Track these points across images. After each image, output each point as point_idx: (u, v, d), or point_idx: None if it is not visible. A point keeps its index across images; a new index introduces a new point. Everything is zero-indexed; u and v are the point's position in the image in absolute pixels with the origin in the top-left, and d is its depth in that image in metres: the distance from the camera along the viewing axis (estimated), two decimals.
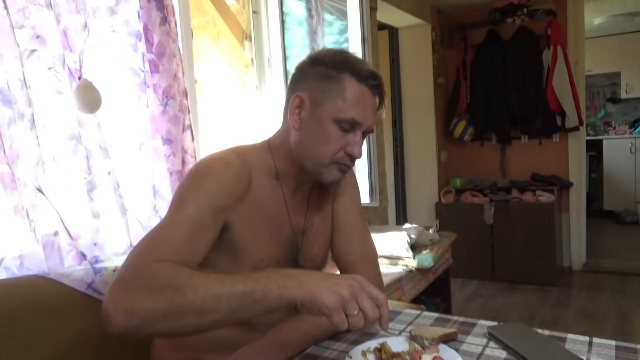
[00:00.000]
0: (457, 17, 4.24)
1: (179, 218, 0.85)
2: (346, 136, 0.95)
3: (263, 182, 0.98)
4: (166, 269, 0.74)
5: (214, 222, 0.88)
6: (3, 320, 0.96)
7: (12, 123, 1.09)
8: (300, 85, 0.98)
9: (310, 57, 0.99)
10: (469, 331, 1.01)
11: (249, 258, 0.95)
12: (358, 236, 1.13)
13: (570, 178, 4.01)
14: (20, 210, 1.09)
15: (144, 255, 0.78)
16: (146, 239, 0.83)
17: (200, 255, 0.86)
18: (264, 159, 1.00)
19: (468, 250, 3.90)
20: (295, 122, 0.97)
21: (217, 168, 0.91)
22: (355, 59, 0.96)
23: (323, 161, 0.95)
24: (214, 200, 0.88)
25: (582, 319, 3.15)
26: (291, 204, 1.03)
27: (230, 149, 0.99)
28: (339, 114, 0.93)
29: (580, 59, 3.90)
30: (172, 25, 1.45)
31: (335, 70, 0.94)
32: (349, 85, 0.93)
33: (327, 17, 2.66)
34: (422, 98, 4.15)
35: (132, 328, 0.70)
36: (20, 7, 1.14)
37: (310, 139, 0.96)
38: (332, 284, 0.71)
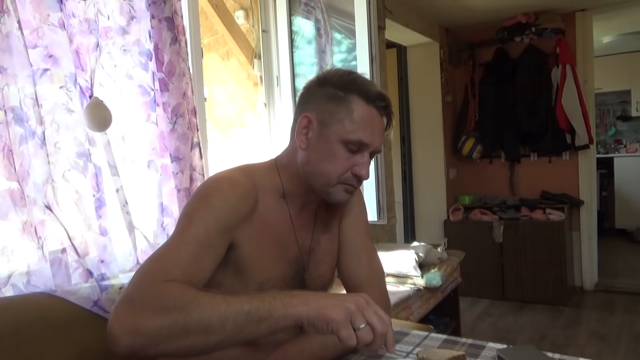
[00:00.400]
0: (465, 36, 4.26)
1: (185, 237, 0.85)
2: (353, 157, 0.95)
3: (270, 202, 0.98)
4: (172, 289, 0.74)
5: (220, 241, 0.88)
6: (9, 338, 0.96)
7: (23, 141, 1.11)
8: (308, 105, 0.98)
9: (319, 77, 1.00)
10: (478, 354, 0.99)
11: (254, 277, 0.95)
12: (365, 255, 1.12)
13: (580, 196, 3.98)
14: (29, 227, 1.10)
15: (150, 275, 0.78)
16: (153, 258, 0.83)
17: (206, 274, 0.86)
18: (271, 178, 1.01)
19: (477, 269, 3.85)
20: (303, 142, 0.97)
21: (224, 187, 0.91)
22: (364, 80, 0.96)
23: (330, 181, 0.95)
24: (221, 220, 0.88)
25: (595, 340, 3.08)
26: (298, 223, 1.03)
27: (238, 168, 1.00)
28: (346, 136, 0.93)
29: (589, 77, 3.89)
30: (182, 44, 1.47)
31: (343, 92, 0.94)
32: (356, 107, 0.93)
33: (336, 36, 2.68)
34: (431, 116, 4.16)
35: (137, 348, 0.70)
36: (34, 27, 1.16)
37: (317, 159, 0.96)
38: (338, 299, 0.72)
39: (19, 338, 0.97)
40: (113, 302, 1.15)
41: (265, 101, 2.43)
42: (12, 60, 1.09)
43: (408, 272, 2.42)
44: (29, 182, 1.11)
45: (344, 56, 2.74)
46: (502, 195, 4.22)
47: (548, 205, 3.87)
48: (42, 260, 1.12)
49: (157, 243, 1.40)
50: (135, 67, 1.38)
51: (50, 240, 1.14)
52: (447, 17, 3.96)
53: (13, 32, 1.09)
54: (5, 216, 1.07)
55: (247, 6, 2.48)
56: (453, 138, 4.30)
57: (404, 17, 3.48)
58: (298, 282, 1.02)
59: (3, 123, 1.08)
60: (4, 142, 1.08)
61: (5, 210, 1.07)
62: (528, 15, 3.89)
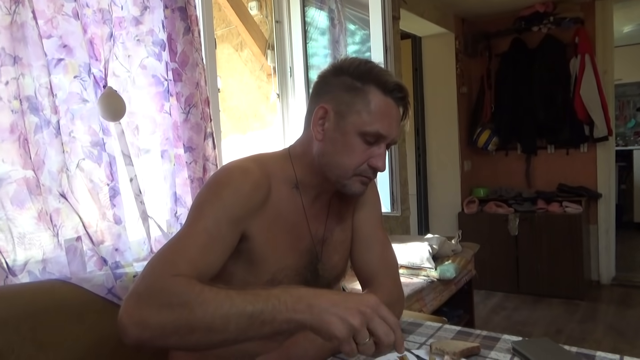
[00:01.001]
0: (482, 26, 4.20)
1: (195, 230, 0.85)
2: (370, 149, 0.94)
3: (282, 191, 0.97)
4: (177, 285, 0.74)
5: (231, 233, 0.88)
6: (25, 323, 0.97)
7: (38, 130, 1.12)
8: (324, 95, 0.96)
9: (334, 67, 0.98)
10: (492, 346, 0.98)
11: (267, 268, 0.95)
12: (378, 246, 1.11)
13: (598, 189, 3.91)
14: (45, 215, 1.11)
15: (158, 269, 0.78)
16: (162, 251, 0.83)
17: (216, 266, 0.86)
18: (284, 167, 1.00)
19: (492, 262, 3.82)
20: (319, 133, 0.96)
21: (235, 178, 0.91)
22: (380, 70, 0.95)
23: (346, 173, 0.95)
24: (232, 212, 0.88)
25: (612, 334, 3.04)
26: (311, 213, 1.02)
27: (251, 157, 0.99)
28: (364, 127, 0.92)
29: (609, 68, 3.81)
30: (195, 34, 1.47)
31: (361, 82, 0.93)
32: (374, 98, 0.92)
33: (350, 27, 2.66)
34: (445, 107, 4.12)
35: (145, 340, 0.71)
36: (49, 17, 1.17)
37: (333, 151, 0.95)
38: (344, 310, 0.68)
39: (35, 323, 0.99)
40: (127, 290, 1.16)
41: (278, 92, 2.43)
42: (27, 50, 1.10)
43: (422, 264, 2.41)
44: (44, 170, 1.12)
45: (357, 47, 2.72)
46: (518, 187, 4.17)
47: (565, 198, 3.81)
48: (57, 248, 1.13)
49: (171, 232, 1.41)
50: (149, 57, 1.38)
51: (65, 228, 1.15)
52: (463, 7, 3.90)
53: (28, 22, 1.09)
54: (22, 204, 1.09)
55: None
56: (468, 130, 4.26)
57: (419, 7, 3.43)
58: (311, 272, 1.02)
59: (18, 112, 1.09)
60: (20, 131, 1.09)
61: (21, 199, 1.09)
62: (546, 4, 3.81)
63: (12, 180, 1.08)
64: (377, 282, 1.07)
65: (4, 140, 1.07)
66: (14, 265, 1.07)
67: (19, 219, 1.09)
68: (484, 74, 4.19)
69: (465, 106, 4.24)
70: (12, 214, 1.07)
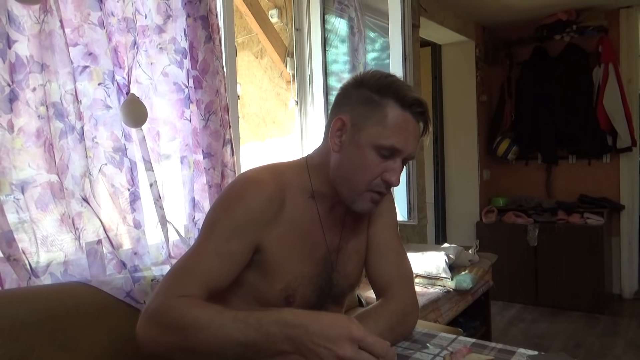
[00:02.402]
0: (503, 34, 4.17)
1: (205, 249, 0.88)
2: (385, 163, 0.93)
3: (298, 201, 0.98)
4: (178, 309, 0.77)
5: (242, 250, 0.90)
6: (46, 324, 1.00)
7: (63, 135, 1.15)
8: (343, 107, 0.96)
9: (356, 79, 0.98)
10: (508, 359, 0.97)
11: (281, 277, 0.95)
12: (393, 256, 1.10)
13: (621, 201, 3.83)
14: (67, 218, 1.14)
15: (166, 289, 0.83)
16: (174, 269, 0.87)
17: (225, 284, 0.89)
18: (300, 177, 1.00)
19: (510, 273, 3.77)
20: (336, 145, 0.96)
21: (248, 192, 0.92)
22: (401, 85, 0.94)
23: (358, 187, 0.94)
24: (242, 228, 0.89)
25: (633, 350, 2.97)
26: (326, 223, 1.02)
27: (268, 167, 1.00)
28: (379, 140, 0.91)
29: (633, 77, 3.74)
30: (216, 43, 1.49)
31: (379, 95, 0.92)
32: (391, 112, 0.91)
33: (370, 34, 2.67)
34: (464, 115, 4.09)
35: (160, 353, 0.77)
36: (75, 26, 1.20)
37: (348, 163, 0.94)
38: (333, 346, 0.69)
39: (55, 324, 1.01)
40: (145, 293, 1.19)
41: (297, 99, 2.45)
42: (54, 58, 1.14)
43: (438, 274, 2.39)
44: (67, 175, 1.15)
45: (377, 54, 2.72)
46: (538, 197, 4.11)
47: (586, 209, 3.75)
48: (78, 251, 1.16)
49: (189, 237, 1.43)
50: (171, 65, 1.41)
51: (86, 231, 1.18)
52: (484, 15, 3.88)
53: (55, 30, 1.13)
54: (46, 207, 1.12)
55: (281, 5, 2.50)
56: (487, 138, 4.22)
57: (439, 14, 3.43)
58: (325, 281, 1.02)
59: (45, 118, 1.12)
60: (45, 136, 1.12)
61: (45, 202, 1.12)
62: (569, 12, 3.77)
63: (37, 184, 1.11)
64: (391, 291, 1.07)
65: (30, 145, 1.11)
66: (36, 267, 1.10)
67: (43, 222, 1.12)
68: (505, 82, 4.15)
69: (485, 115, 4.21)
70: (36, 216, 1.11)
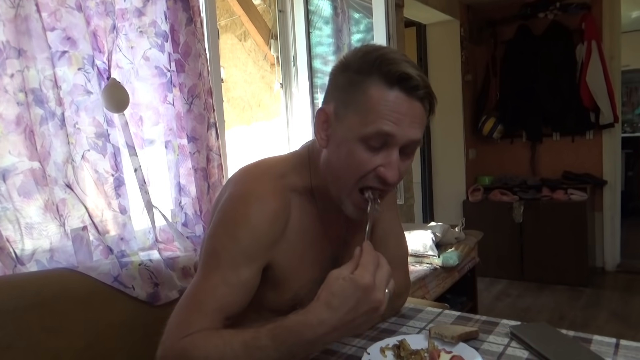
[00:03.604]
0: (487, 13, 4.16)
1: (213, 282, 0.81)
2: (377, 156, 0.79)
3: (302, 204, 0.91)
4: (188, 351, 0.75)
5: (253, 276, 0.84)
6: (34, 311, 1.00)
7: (43, 122, 1.13)
8: (328, 96, 0.85)
9: (340, 62, 0.84)
10: (491, 330, 0.99)
11: (289, 287, 0.92)
12: (393, 239, 1.09)
13: (604, 176, 3.90)
14: (51, 205, 1.13)
15: (176, 327, 0.79)
16: (181, 307, 0.82)
17: (239, 310, 0.84)
18: (302, 176, 0.92)
19: (496, 249, 3.83)
20: (322, 140, 0.85)
21: (252, 213, 0.83)
22: (387, 57, 0.78)
23: (345, 187, 0.83)
24: (251, 255, 0.83)
25: (615, 320, 3.05)
26: (330, 221, 0.96)
27: (266, 169, 0.92)
28: (363, 130, 0.77)
29: (616, 54, 3.78)
30: (198, 25, 1.47)
31: (361, 75, 0.78)
32: (375, 92, 0.77)
33: (354, 15, 2.65)
34: (450, 95, 4.10)
35: None
36: (52, 10, 1.18)
37: (335, 161, 0.83)
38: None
39: (43, 310, 1.01)
40: (133, 278, 1.20)
41: (281, 82, 2.43)
42: (31, 43, 1.11)
43: (425, 252, 2.43)
44: (50, 162, 1.14)
45: (362, 36, 2.71)
46: (523, 175, 4.17)
47: (570, 185, 3.81)
48: (64, 238, 1.16)
49: (176, 222, 1.43)
50: (152, 49, 1.39)
51: (71, 218, 1.17)
52: None
53: (32, 14, 1.11)
54: (29, 195, 1.11)
55: None
56: (473, 118, 4.24)
57: None
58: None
59: (24, 104, 1.11)
60: (26, 123, 1.11)
61: (28, 189, 1.11)
62: None
63: (19, 171, 1.10)
64: None
65: (10, 132, 1.09)
66: (22, 255, 1.09)
67: (26, 210, 1.11)
68: (489, 61, 4.17)
69: (470, 94, 4.23)
70: (19, 204, 1.10)
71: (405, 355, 0.87)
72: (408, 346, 0.89)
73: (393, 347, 0.90)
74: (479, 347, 0.91)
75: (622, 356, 0.85)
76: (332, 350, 0.94)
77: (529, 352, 0.89)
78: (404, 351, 0.88)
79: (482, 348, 0.92)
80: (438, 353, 0.85)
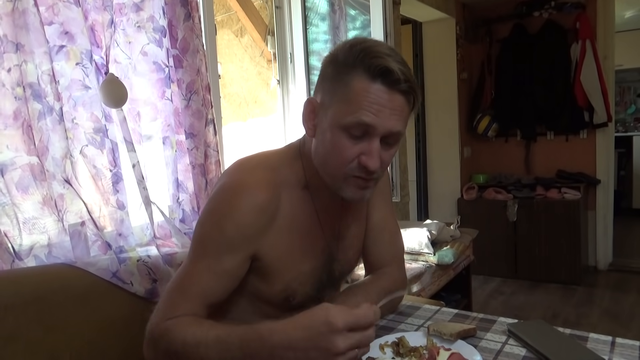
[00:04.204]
0: (482, 11, 4.18)
1: (198, 268, 0.85)
2: (359, 144, 0.83)
3: (294, 197, 0.93)
4: (170, 332, 0.79)
5: (237, 266, 0.87)
6: (32, 306, 0.99)
7: (41, 117, 1.13)
8: (317, 87, 0.89)
9: (331, 54, 0.87)
10: (489, 328, 1.00)
11: (280, 279, 0.93)
12: (388, 235, 1.10)
13: (597, 175, 3.93)
14: (49, 200, 1.13)
15: (162, 310, 0.84)
16: (168, 289, 0.87)
17: (221, 297, 0.87)
18: (295, 169, 0.94)
19: (491, 248, 3.86)
20: (310, 129, 0.89)
21: (239, 203, 0.86)
22: (372, 51, 0.81)
23: (336, 174, 0.86)
24: (235, 245, 0.86)
25: (607, 319, 3.08)
26: (324, 212, 0.97)
27: (261, 161, 0.94)
28: (344, 119, 0.81)
29: (609, 54, 3.80)
30: (196, 21, 1.47)
31: (346, 67, 0.82)
32: (357, 83, 0.80)
33: (350, 12, 2.65)
34: (446, 93, 4.11)
35: None
36: (50, 4, 1.17)
37: (322, 148, 0.87)
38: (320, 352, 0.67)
39: (42, 306, 1.01)
40: (131, 274, 1.19)
41: (278, 78, 2.43)
42: (29, 37, 1.11)
43: (420, 250, 2.44)
44: (48, 156, 1.14)
45: (358, 32, 2.71)
46: (518, 174, 4.19)
47: (564, 184, 3.83)
48: (62, 233, 1.15)
49: (173, 218, 1.43)
50: (150, 44, 1.39)
51: (69, 213, 1.17)
52: None
53: (29, 9, 1.10)
54: (27, 190, 1.10)
55: None
56: (468, 116, 4.26)
57: None
58: (327, 273, 1.00)
59: (22, 99, 1.10)
60: (23, 117, 1.10)
61: (26, 184, 1.10)
62: None
63: (17, 166, 1.09)
64: (383, 269, 1.08)
65: (8, 127, 1.08)
66: (20, 250, 1.09)
67: (24, 205, 1.10)
68: (485, 59, 4.18)
69: (466, 92, 4.24)
70: (17, 199, 1.09)
71: (404, 352, 0.87)
72: (407, 343, 0.89)
73: (392, 344, 0.90)
74: (477, 345, 0.92)
75: (618, 354, 0.86)
76: None
77: (526, 350, 0.90)
78: (403, 348, 0.88)
79: (480, 345, 0.92)
80: (437, 350, 0.85)
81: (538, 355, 0.87)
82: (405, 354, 0.87)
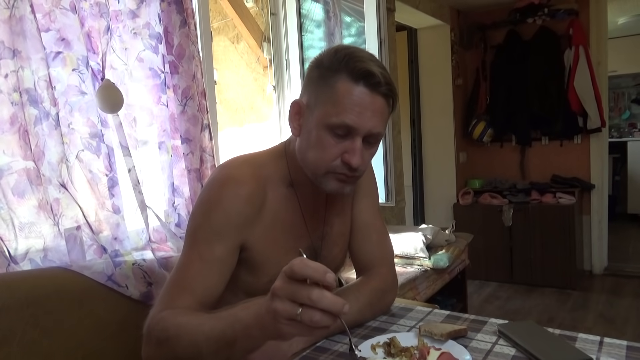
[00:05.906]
0: (477, 18, 4.22)
1: (190, 258, 0.90)
2: (342, 143, 0.88)
3: (279, 192, 0.97)
4: (163, 321, 0.81)
5: (226, 253, 0.91)
6: (27, 309, 1.00)
7: (38, 122, 1.14)
8: (303, 90, 0.94)
9: (316, 59, 0.93)
10: (479, 328, 1.01)
11: (266, 271, 0.96)
12: (375, 235, 1.12)
13: (592, 180, 3.95)
14: (45, 205, 1.14)
15: (157, 304, 0.87)
16: (166, 284, 0.91)
17: (218, 287, 0.90)
18: (279, 166, 0.99)
19: (486, 252, 3.87)
20: (295, 129, 0.94)
21: (226, 194, 0.91)
22: (356, 56, 0.87)
23: (319, 170, 0.91)
24: (224, 233, 0.90)
25: (602, 322, 3.10)
26: (308, 210, 1.01)
27: (247, 158, 0.99)
28: (329, 119, 0.86)
29: (603, 59, 3.84)
30: (191, 27, 1.49)
31: (331, 71, 0.87)
32: (342, 86, 0.85)
33: (346, 19, 2.68)
34: (441, 99, 4.14)
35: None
36: (47, 11, 1.19)
37: (306, 146, 0.92)
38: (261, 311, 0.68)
39: (37, 309, 1.02)
40: (126, 277, 1.20)
41: (274, 84, 2.45)
42: (26, 44, 1.12)
43: (415, 254, 2.45)
44: (44, 161, 1.15)
45: (353, 39, 2.74)
46: (513, 179, 4.21)
47: (558, 189, 3.86)
48: (57, 237, 1.16)
49: (169, 222, 1.44)
50: (146, 50, 1.40)
51: (65, 217, 1.18)
52: None
53: (26, 15, 1.11)
54: (23, 194, 1.12)
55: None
56: (463, 121, 4.29)
57: None
58: None
59: (18, 104, 1.11)
60: (20, 122, 1.11)
61: (22, 189, 1.11)
62: None
63: (13, 170, 1.10)
64: (372, 269, 1.09)
65: (4, 132, 1.10)
66: (15, 254, 1.10)
67: (20, 209, 1.12)
68: (479, 65, 4.21)
69: (461, 98, 4.27)
70: (13, 204, 1.10)
71: (395, 352, 0.88)
72: (398, 343, 0.90)
73: (384, 344, 0.91)
74: (467, 345, 0.93)
75: (605, 353, 0.87)
76: (323, 348, 0.96)
77: (516, 350, 0.91)
78: (394, 348, 0.89)
79: (471, 345, 0.93)
80: (427, 350, 0.86)
81: (527, 354, 0.88)
82: (397, 354, 0.88)
